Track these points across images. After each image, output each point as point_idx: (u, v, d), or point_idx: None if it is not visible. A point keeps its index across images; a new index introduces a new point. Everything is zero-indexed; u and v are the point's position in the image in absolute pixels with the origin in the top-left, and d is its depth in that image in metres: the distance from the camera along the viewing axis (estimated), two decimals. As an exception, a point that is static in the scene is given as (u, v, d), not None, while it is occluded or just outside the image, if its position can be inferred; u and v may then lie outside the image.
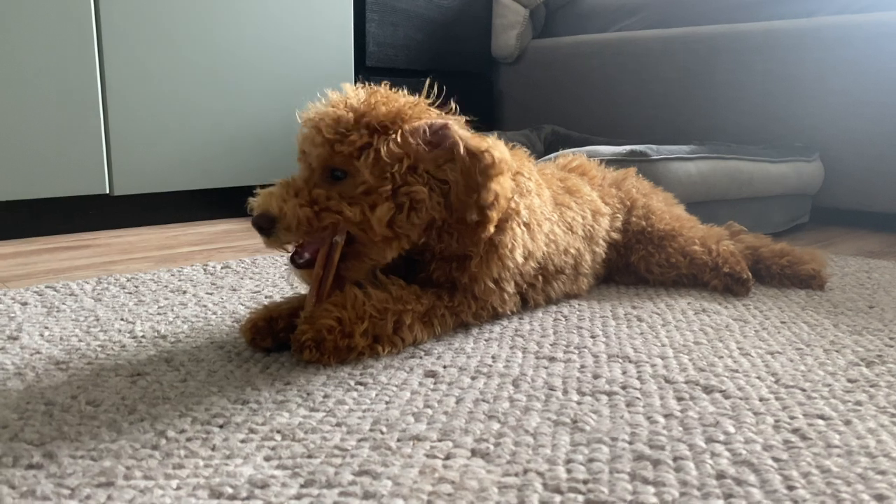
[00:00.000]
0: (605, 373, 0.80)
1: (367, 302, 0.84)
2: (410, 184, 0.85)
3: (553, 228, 1.05)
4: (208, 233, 1.74)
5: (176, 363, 0.81)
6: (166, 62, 1.76)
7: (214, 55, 1.84)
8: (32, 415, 0.67)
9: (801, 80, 1.94)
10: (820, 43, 1.90)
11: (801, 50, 1.94)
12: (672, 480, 0.56)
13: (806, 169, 1.80)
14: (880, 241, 1.75)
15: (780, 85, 1.98)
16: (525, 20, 2.65)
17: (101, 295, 1.11)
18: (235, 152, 1.92)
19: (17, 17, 1.53)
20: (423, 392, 0.74)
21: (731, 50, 2.08)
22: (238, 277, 1.23)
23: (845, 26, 1.86)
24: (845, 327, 0.99)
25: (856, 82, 1.85)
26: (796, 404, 0.72)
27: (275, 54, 1.96)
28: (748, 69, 2.05)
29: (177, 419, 0.66)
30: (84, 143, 1.65)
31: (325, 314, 0.82)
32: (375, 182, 0.84)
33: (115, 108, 1.69)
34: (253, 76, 1.93)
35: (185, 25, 1.78)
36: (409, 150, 0.84)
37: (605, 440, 0.63)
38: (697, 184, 1.49)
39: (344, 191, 0.85)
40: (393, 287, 0.88)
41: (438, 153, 0.86)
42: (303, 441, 0.62)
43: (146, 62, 1.72)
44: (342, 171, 0.85)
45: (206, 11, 1.81)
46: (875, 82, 1.82)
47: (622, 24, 2.51)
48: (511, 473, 0.57)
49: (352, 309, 0.83)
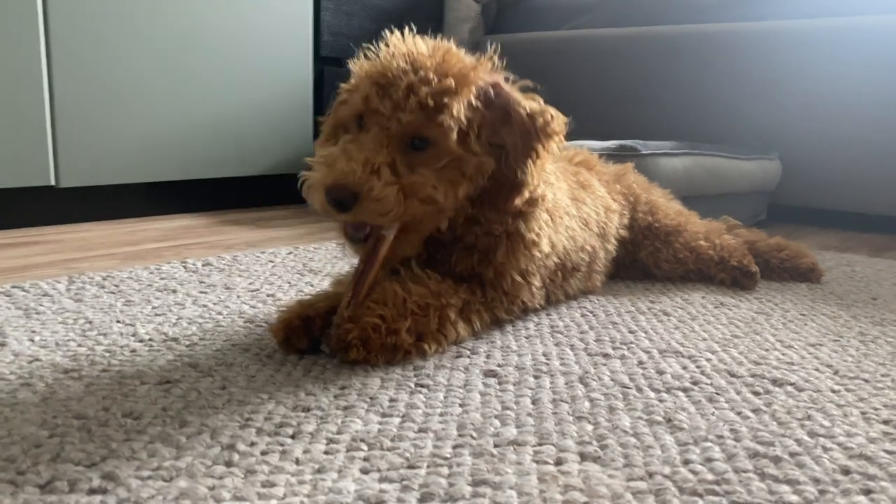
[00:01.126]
0: (666, 368, 0.77)
1: (408, 298, 0.79)
2: (478, 153, 0.78)
3: (571, 223, 1.01)
4: (167, 228, 1.62)
5: (204, 368, 0.73)
6: (119, 46, 1.63)
7: (170, 40, 1.72)
8: (67, 431, 0.58)
9: (760, 81, 2.00)
10: (779, 45, 1.95)
11: (760, 52, 1.99)
12: (802, 477, 0.54)
13: (769, 167, 1.85)
14: (837, 237, 1.81)
15: (739, 85, 2.03)
16: (477, 15, 2.63)
17: (81, 295, 0.99)
18: (191, 143, 1.80)
19: (-46, -12, 1.37)
20: (493, 393, 0.69)
21: (691, 50, 2.12)
22: (225, 275, 1.14)
23: (803, 30, 1.92)
24: (865, 319, 1.00)
25: (813, 84, 1.91)
26: (869, 396, 0.71)
27: (233, 41, 1.85)
28: (709, 69, 2.09)
29: (239, 430, 0.59)
30: (26, 130, 1.50)
31: (367, 312, 0.76)
32: (463, 153, 0.77)
33: (62, 92, 1.55)
34: (210, 63, 1.81)
35: (139, 8, 1.65)
36: (476, 115, 0.77)
37: (710, 438, 0.60)
38: (682, 179, 1.49)
39: (426, 163, 0.76)
40: (430, 281, 0.83)
41: (495, 116, 0.79)
42: (395, 450, 0.56)
43: (97, 45, 1.59)
44: (425, 141, 0.76)
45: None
46: (831, 84, 1.89)
47: (575, 22, 2.52)
48: (636, 478, 0.53)
49: (393, 306, 0.77)
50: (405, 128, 0.75)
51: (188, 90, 1.78)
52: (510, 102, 0.80)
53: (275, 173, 2.01)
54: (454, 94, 0.76)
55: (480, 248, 0.87)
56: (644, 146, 1.45)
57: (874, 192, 1.85)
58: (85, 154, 1.60)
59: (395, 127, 0.75)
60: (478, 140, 0.78)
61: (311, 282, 1.12)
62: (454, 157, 0.77)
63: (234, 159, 1.91)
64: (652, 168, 1.43)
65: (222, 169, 1.88)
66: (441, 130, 0.75)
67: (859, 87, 1.85)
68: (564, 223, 0.98)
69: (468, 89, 0.77)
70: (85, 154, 1.60)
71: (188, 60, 1.76)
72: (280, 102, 1.99)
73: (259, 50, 1.91)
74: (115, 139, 1.65)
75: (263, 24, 1.91)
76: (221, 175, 1.88)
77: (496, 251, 0.87)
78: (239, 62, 1.87)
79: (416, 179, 0.74)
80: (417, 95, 0.74)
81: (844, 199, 1.90)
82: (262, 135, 1.96)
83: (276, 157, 2.00)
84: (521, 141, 0.80)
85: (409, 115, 0.74)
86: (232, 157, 1.90)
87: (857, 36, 1.85)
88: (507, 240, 0.88)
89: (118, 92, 1.64)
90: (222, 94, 1.85)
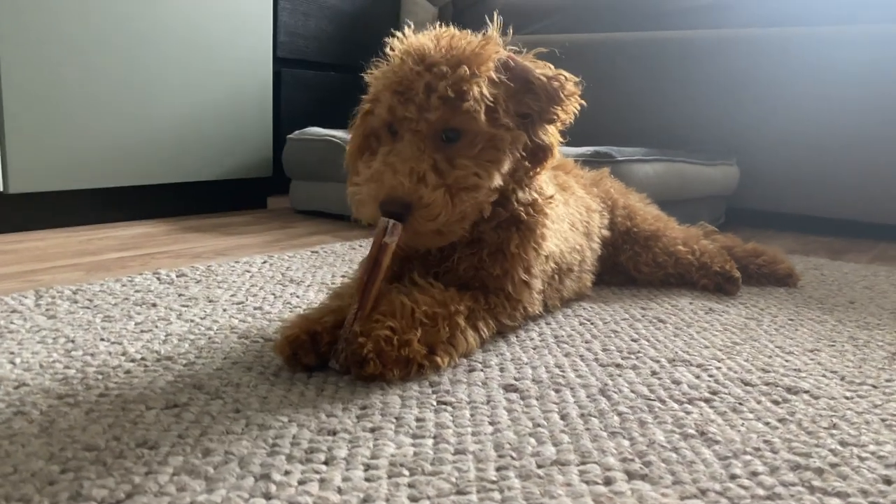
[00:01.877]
0: (681, 378, 0.77)
1: (416, 309, 0.76)
2: (511, 127, 0.79)
3: (562, 225, 1.01)
4: (126, 236, 1.54)
5: (211, 390, 0.69)
6: (71, 45, 1.54)
7: (125, 39, 1.64)
8: (80, 465, 0.53)
9: (718, 88, 2.04)
10: (735, 53, 2.00)
11: (716, 59, 2.04)
12: (849, 489, 0.54)
13: (729, 171, 1.90)
14: (796, 241, 1.87)
15: (696, 92, 2.08)
16: (434, 18, 2.61)
17: (53, 310, 0.93)
18: (147, 146, 1.73)
19: None
20: (519, 409, 0.67)
21: (650, 56, 2.15)
22: (203, 287, 1.09)
23: (758, 39, 1.98)
24: (850, 323, 1.03)
25: (768, 91, 1.97)
26: (882, 402, 0.72)
27: (191, 40, 1.78)
28: (666, 76, 2.13)
29: (267, 458, 0.55)
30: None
31: (377, 325, 0.73)
32: (496, 132, 0.77)
33: (11, 93, 1.46)
34: (167, 63, 1.73)
35: (93, 6, 1.56)
36: (500, 90, 0.78)
37: (748, 450, 0.60)
38: (655, 185, 1.51)
39: (462, 152, 0.77)
40: (434, 290, 0.80)
41: (518, 86, 0.80)
42: (438, 475, 0.54)
43: (48, 45, 1.50)
44: (456, 132, 0.77)
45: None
46: (786, 92, 1.95)
47: (533, 27, 2.53)
48: (689, 496, 0.52)
49: (402, 318, 0.75)
50: (434, 125, 0.76)
51: (144, 91, 1.70)
52: (528, 71, 0.81)
53: (234, 177, 1.95)
54: (471, 77, 0.76)
55: (490, 242, 0.86)
56: (619, 152, 1.46)
57: (829, 195, 1.91)
58: (35, 158, 1.51)
59: (424, 128, 0.76)
60: (507, 114, 0.79)
61: (296, 293, 1.08)
62: (488, 137, 0.78)
63: (193, 163, 1.83)
64: (626, 174, 1.44)
65: (180, 173, 1.81)
66: (468, 116, 0.76)
67: (813, 94, 1.91)
68: (556, 226, 0.98)
69: (486, 66, 0.77)
70: (35, 158, 1.51)
71: (144, 60, 1.69)
72: (239, 104, 1.92)
73: (217, 49, 1.84)
74: (67, 142, 1.57)
75: (222, 23, 1.84)
76: (180, 180, 1.81)
77: (508, 243, 0.86)
78: (197, 62, 1.80)
79: (458, 174, 0.76)
80: (437, 91, 0.75)
81: (800, 202, 1.96)
82: (220, 138, 1.89)
83: (235, 160, 1.94)
84: (546, 105, 0.81)
85: (434, 112, 0.75)
86: (190, 161, 1.83)
87: (810, 46, 1.91)
88: (518, 233, 0.87)
89: (71, 92, 1.56)
90: (180, 95, 1.78)
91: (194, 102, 1.81)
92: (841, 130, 1.88)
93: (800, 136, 1.94)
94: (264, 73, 1.98)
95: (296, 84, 2.29)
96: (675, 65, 2.11)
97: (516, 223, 0.88)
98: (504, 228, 0.87)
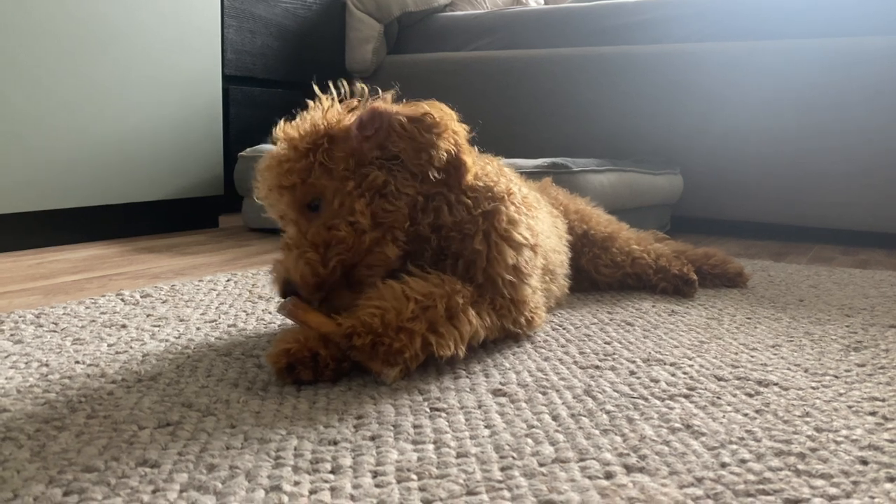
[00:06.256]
0: (658, 377, 0.80)
1: (405, 289, 0.78)
2: (366, 174, 0.84)
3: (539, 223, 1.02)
4: (76, 259, 1.50)
5: (201, 408, 0.68)
6: (15, 64, 1.50)
7: (71, 59, 1.60)
8: (83, 487, 0.52)
9: (659, 100, 2.12)
10: (675, 67, 2.09)
11: (657, 72, 2.12)
12: (831, 471, 0.57)
13: (674, 180, 1.97)
14: (738, 245, 1.95)
15: (639, 105, 2.15)
16: (380, 35, 2.63)
17: (18, 335, 0.90)
18: (94, 166, 1.68)
19: None
20: (511, 413, 0.69)
21: (592, 70, 2.22)
22: (171, 306, 1.07)
23: (697, 53, 2.07)
24: (804, 319, 1.09)
25: (707, 104, 2.06)
26: (846, 391, 0.77)
27: (139, 55, 1.75)
28: (608, 89, 2.20)
29: (274, 470, 0.56)
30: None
31: (364, 311, 0.76)
32: (340, 184, 0.83)
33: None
34: (113, 78, 1.70)
35: (34, 16, 1.52)
36: (347, 150, 0.84)
37: (733, 440, 0.63)
38: (608, 194, 1.56)
39: (325, 214, 0.84)
40: (431, 276, 0.82)
41: (376, 137, 0.83)
42: (446, 477, 0.55)
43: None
44: (316, 201, 0.84)
45: (59, 9, 1.57)
46: (724, 104, 2.04)
47: (476, 44, 2.57)
48: (687, 484, 0.55)
49: (393, 298, 0.77)
50: (292, 207, 0.84)
51: (91, 110, 1.66)
52: (387, 117, 0.83)
53: (185, 196, 1.92)
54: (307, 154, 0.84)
55: (462, 253, 0.87)
56: (574, 163, 1.51)
57: (768, 202, 2.01)
58: (-21, 180, 1.46)
59: (291, 213, 0.85)
60: (364, 165, 0.84)
61: (268, 309, 1.08)
62: (336, 191, 0.83)
63: (143, 183, 1.80)
64: (582, 184, 1.49)
65: (130, 193, 1.77)
66: (310, 187, 0.83)
67: (751, 106, 2.01)
68: (530, 220, 0.97)
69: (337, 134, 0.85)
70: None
71: (91, 78, 1.65)
72: (189, 122, 1.90)
73: (166, 67, 1.82)
74: (11, 162, 1.52)
75: (170, 41, 1.82)
76: (129, 200, 1.77)
77: (473, 241, 0.86)
78: (145, 80, 1.77)
79: (313, 234, 0.82)
80: (279, 183, 0.84)
81: (741, 209, 2.05)
82: (171, 156, 1.86)
83: (186, 179, 1.91)
84: (408, 145, 0.83)
85: (285, 197, 0.84)
86: (140, 181, 1.79)
87: (746, 59, 2.01)
88: (481, 234, 0.87)
89: (14, 112, 1.51)
90: (127, 113, 1.74)
91: (143, 121, 1.78)
92: (776, 140, 1.98)
93: (737, 146, 2.03)
94: (213, 90, 1.96)
95: (244, 101, 2.27)
96: (618, 79, 2.18)
97: (473, 221, 0.88)
98: (468, 235, 0.87)
